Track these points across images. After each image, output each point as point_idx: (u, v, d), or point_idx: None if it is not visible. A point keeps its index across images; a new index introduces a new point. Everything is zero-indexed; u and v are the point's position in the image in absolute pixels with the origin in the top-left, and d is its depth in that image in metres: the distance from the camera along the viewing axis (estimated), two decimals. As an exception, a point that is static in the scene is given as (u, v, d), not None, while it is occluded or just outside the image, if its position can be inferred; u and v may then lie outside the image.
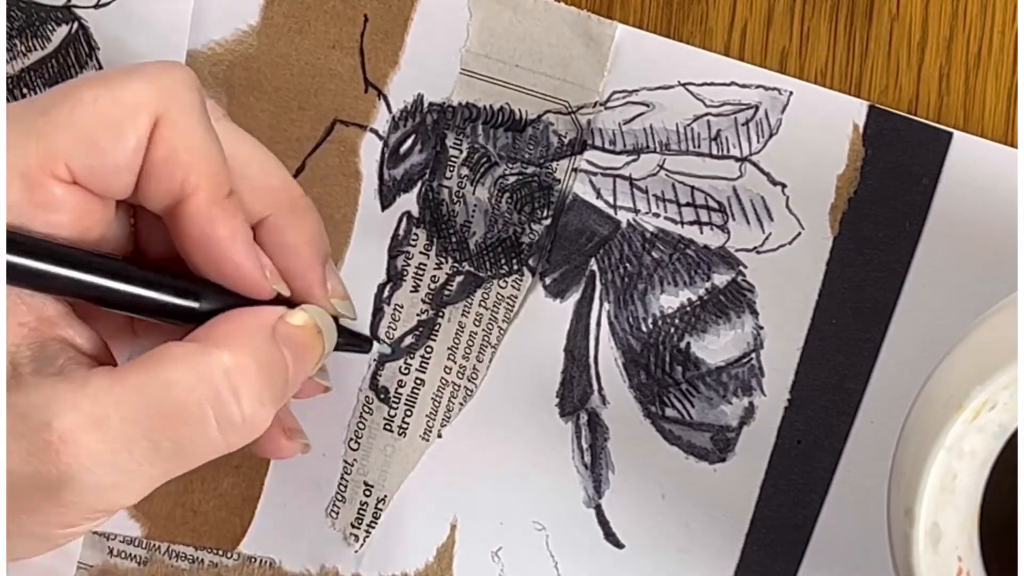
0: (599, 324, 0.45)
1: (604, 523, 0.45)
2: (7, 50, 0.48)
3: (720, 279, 0.44)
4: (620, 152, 0.44)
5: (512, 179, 0.45)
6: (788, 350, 0.43)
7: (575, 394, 0.45)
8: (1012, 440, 0.33)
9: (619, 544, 0.45)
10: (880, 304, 0.42)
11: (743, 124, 0.43)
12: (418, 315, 0.46)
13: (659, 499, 0.44)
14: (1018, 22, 0.41)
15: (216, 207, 0.39)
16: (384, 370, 0.46)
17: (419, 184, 0.46)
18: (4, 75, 0.48)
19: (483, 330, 0.46)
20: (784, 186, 0.43)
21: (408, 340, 0.46)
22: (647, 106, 0.44)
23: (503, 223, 0.45)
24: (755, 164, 0.43)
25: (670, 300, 0.44)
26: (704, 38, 0.43)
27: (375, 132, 0.46)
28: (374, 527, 0.47)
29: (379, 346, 0.45)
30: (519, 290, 0.45)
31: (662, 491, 0.44)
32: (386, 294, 0.46)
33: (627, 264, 0.44)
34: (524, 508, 0.45)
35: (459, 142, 0.45)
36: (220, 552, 0.47)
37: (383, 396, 0.46)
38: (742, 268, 0.43)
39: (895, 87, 0.42)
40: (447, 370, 0.46)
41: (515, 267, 0.45)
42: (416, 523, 0.46)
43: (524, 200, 0.45)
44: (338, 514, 0.47)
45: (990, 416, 0.33)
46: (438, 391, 0.46)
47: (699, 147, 0.43)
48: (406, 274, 0.46)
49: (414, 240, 0.46)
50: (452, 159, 0.45)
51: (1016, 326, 0.33)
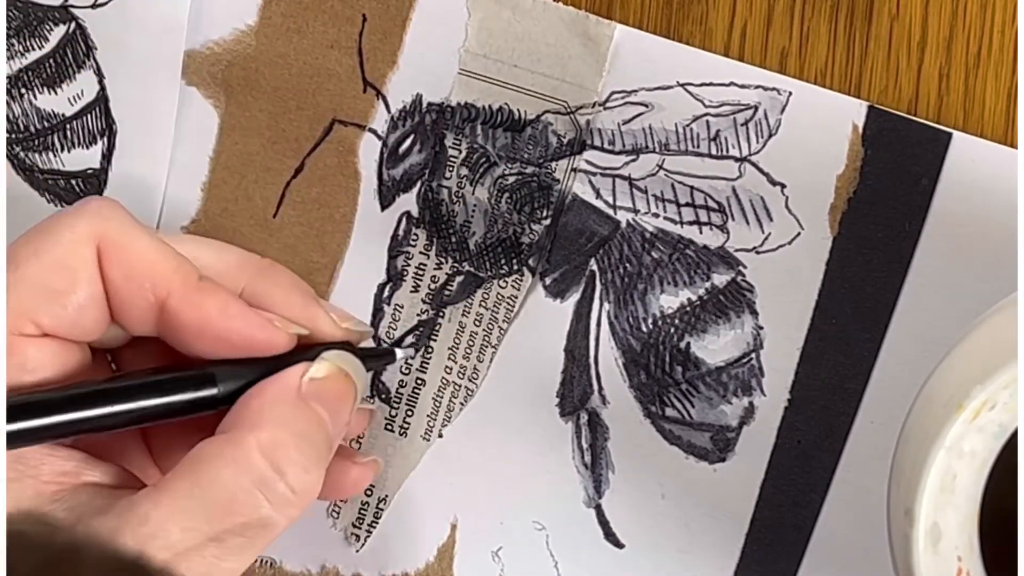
0: (599, 324, 0.45)
1: (604, 523, 0.45)
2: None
3: (720, 279, 0.44)
4: (619, 152, 0.44)
5: (511, 179, 0.45)
6: (788, 350, 0.43)
7: (575, 394, 0.45)
8: (1012, 440, 0.33)
9: (619, 544, 0.45)
10: (880, 304, 0.42)
11: (742, 124, 0.43)
12: (418, 315, 0.46)
13: (659, 499, 0.45)
14: (1018, 22, 0.41)
15: (194, 293, 0.39)
16: (385, 371, 0.46)
17: (418, 184, 0.46)
18: (4, 75, 0.48)
19: (483, 330, 0.46)
20: (783, 186, 0.43)
21: (408, 340, 0.46)
22: (646, 106, 0.44)
23: (503, 223, 0.45)
24: (754, 164, 0.43)
25: (670, 300, 0.44)
26: (704, 38, 0.43)
27: (374, 132, 0.46)
28: (375, 527, 0.47)
29: (402, 352, 0.45)
30: (519, 290, 0.45)
31: (662, 491, 0.45)
32: (386, 294, 0.46)
33: (627, 264, 0.44)
34: (524, 508, 0.45)
35: (458, 142, 0.45)
36: (220, 552, 0.47)
37: (384, 396, 0.46)
38: (742, 268, 0.43)
39: (895, 87, 0.42)
40: (448, 370, 0.46)
41: (515, 267, 0.45)
42: (417, 523, 0.46)
43: (524, 200, 0.45)
44: (339, 514, 0.47)
45: (990, 416, 0.33)
46: (439, 391, 0.46)
47: (698, 147, 0.43)
48: (406, 274, 0.46)
49: (414, 240, 0.46)
50: (451, 159, 0.45)
51: (1016, 326, 0.33)
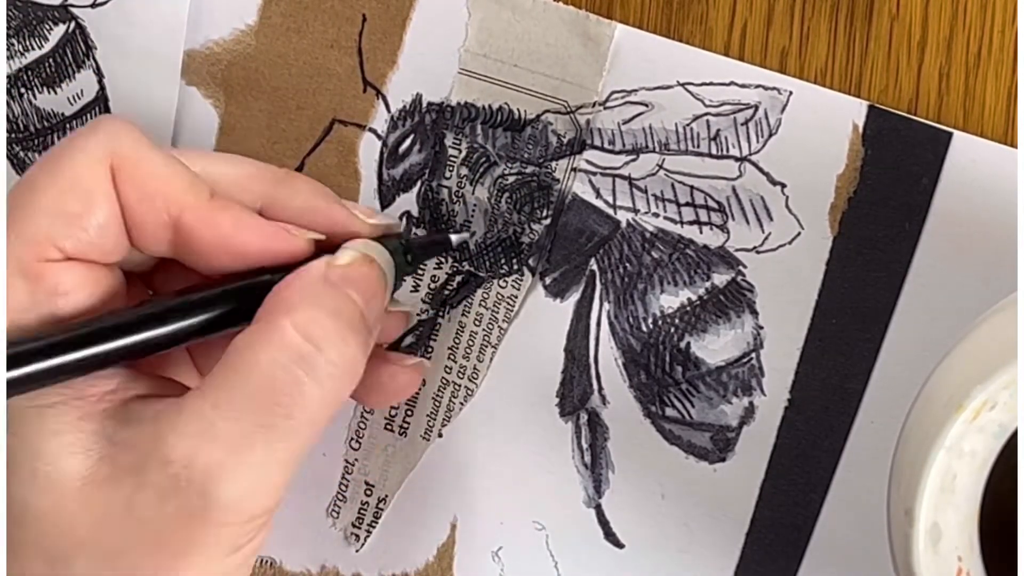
0: (599, 324, 0.45)
1: (604, 523, 0.45)
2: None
3: (720, 279, 0.44)
4: (619, 152, 0.44)
5: (511, 179, 0.45)
6: (788, 350, 0.43)
7: (575, 394, 0.45)
8: (1012, 440, 0.33)
9: (619, 544, 0.45)
10: (880, 304, 0.42)
11: (743, 124, 0.43)
12: (418, 315, 0.46)
13: (659, 499, 0.45)
14: (1018, 22, 0.41)
15: (207, 210, 0.38)
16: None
17: (418, 184, 0.46)
18: (4, 75, 0.48)
19: (483, 330, 0.46)
20: (784, 186, 0.43)
21: (408, 340, 0.46)
22: (646, 106, 0.44)
23: (503, 223, 0.45)
24: (755, 164, 0.43)
25: (670, 300, 0.44)
26: (704, 38, 0.43)
27: (374, 132, 0.46)
28: (375, 527, 0.47)
29: (457, 237, 0.44)
30: (519, 290, 0.45)
31: (662, 491, 0.45)
32: (386, 294, 0.46)
33: (627, 264, 0.44)
34: (524, 508, 0.45)
35: (458, 142, 0.45)
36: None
37: (383, 396, 0.46)
38: (742, 268, 0.43)
39: (895, 87, 0.42)
40: (447, 370, 0.46)
41: (515, 267, 0.45)
42: (416, 523, 0.46)
43: (524, 200, 0.45)
44: (339, 514, 0.47)
45: (990, 416, 0.33)
46: (438, 391, 0.46)
47: (698, 147, 0.43)
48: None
49: (413, 240, 0.46)
50: (451, 159, 0.45)
51: (1016, 326, 0.33)
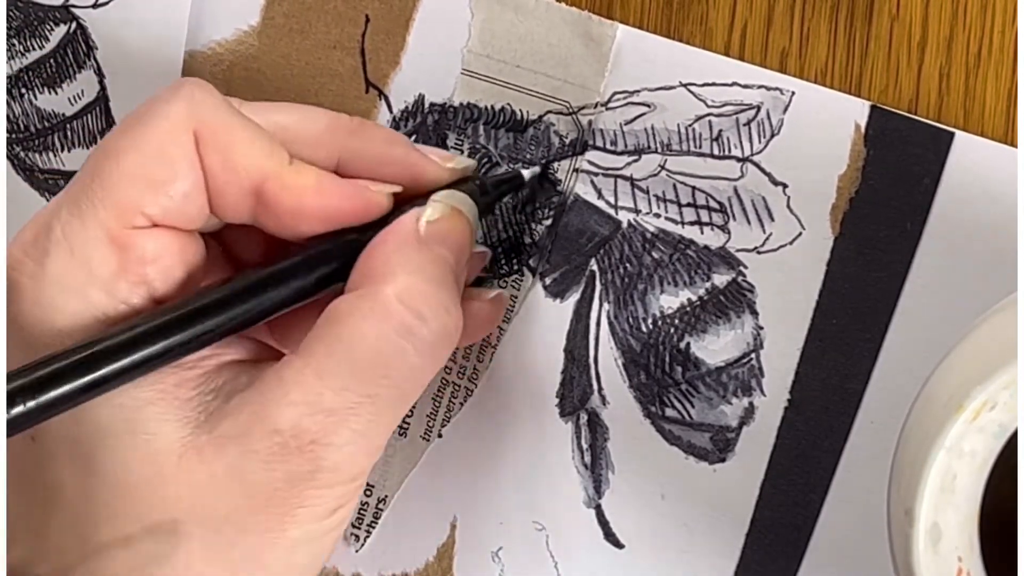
0: (599, 324, 0.45)
1: (604, 523, 0.45)
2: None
3: (720, 279, 0.44)
4: (621, 152, 0.44)
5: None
6: (788, 350, 0.43)
7: (575, 394, 0.45)
8: (1012, 440, 0.33)
9: (619, 544, 0.45)
10: (880, 304, 0.42)
11: (744, 124, 0.43)
12: (418, 315, 0.46)
13: (659, 499, 0.44)
14: (1018, 22, 0.41)
15: (288, 175, 0.38)
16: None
17: (419, 184, 0.46)
18: (4, 75, 0.48)
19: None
20: (785, 186, 0.43)
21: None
22: (648, 107, 0.44)
23: (503, 223, 0.45)
24: (756, 164, 0.43)
25: (670, 300, 0.44)
26: (704, 38, 0.43)
27: (375, 132, 0.46)
28: (374, 527, 0.47)
29: (528, 171, 0.44)
30: (519, 290, 0.45)
31: (662, 491, 0.45)
32: (386, 294, 0.46)
33: (627, 264, 0.44)
34: (524, 508, 0.45)
35: (460, 142, 0.45)
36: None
37: (383, 396, 0.46)
38: (742, 268, 0.43)
39: (895, 87, 0.42)
40: (447, 370, 0.46)
41: (515, 267, 0.45)
42: (416, 523, 0.46)
43: (525, 200, 0.45)
44: (338, 514, 0.47)
45: (990, 416, 0.33)
46: (438, 391, 0.46)
47: (700, 147, 0.43)
48: (406, 274, 0.46)
49: (414, 240, 0.46)
50: (452, 159, 0.46)
51: (1016, 326, 0.33)
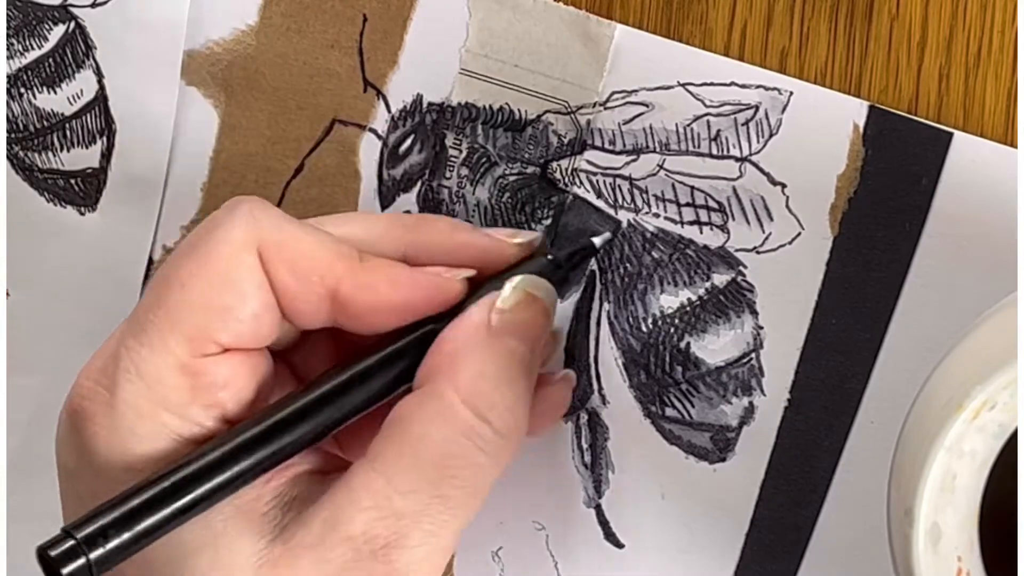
0: (599, 324, 0.45)
1: (604, 523, 0.45)
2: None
3: (720, 279, 0.44)
4: (620, 152, 0.44)
5: (512, 179, 0.45)
6: (788, 350, 0.43)
7: (575, 394, 0.45)
8: (1012, 440, 0.33)
9: (619, 544, 0.45)
10: (880, 304, 0.42)
11: (743, 124, 0.43)
12: (418, 315, 0.46)
13: (659, 499, 0.45)
14: (1018, 22, 0.41)
15: (361, 273, 0.38)
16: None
17: (419, 184, 0.46)
18: (4, 75, 0.48)
19: (483, 330, 0.45)
20: (784, 186, 0.43)
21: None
22: (647, 106, 0.44)
23: (503, 223, 0.45)
24: (755, 164, 0.43)
25: (670, 300, 0.44)
26: (704, 38, 0.43)
27: (374, 132, 0.46)
28: (374, 527, 0.47)
29: (600, 239, 0.44)
30: (519, 290, 0.45)
31: (662, 491, 0.45)
32: (386, 294, 0.46)
33: (627, 264, 0.44)
34: (524, 508, 0.45)
35: (458, 142, 0.45)
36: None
37: (383, 396, 0.46)
38: (742, 268, 0.43)
39: (895, 87, 0.42)
40: (447, 370, 0.46)
41: (515, 267, 0.45)
42: (416, 523, 0.46)
43: (524, 200, 0.45)
44: (338, 514, 0.47)
45: (990, 416, 0.33)
46: (438, 391, 0.46)
47: (699, 147, 0.43)
48: (406, 274, 0.46)
49: (414, 240, 0.46)
50: (452, 159, 0.45)
51: (1016, 326, 0.33)
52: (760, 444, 0.43)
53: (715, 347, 0.44)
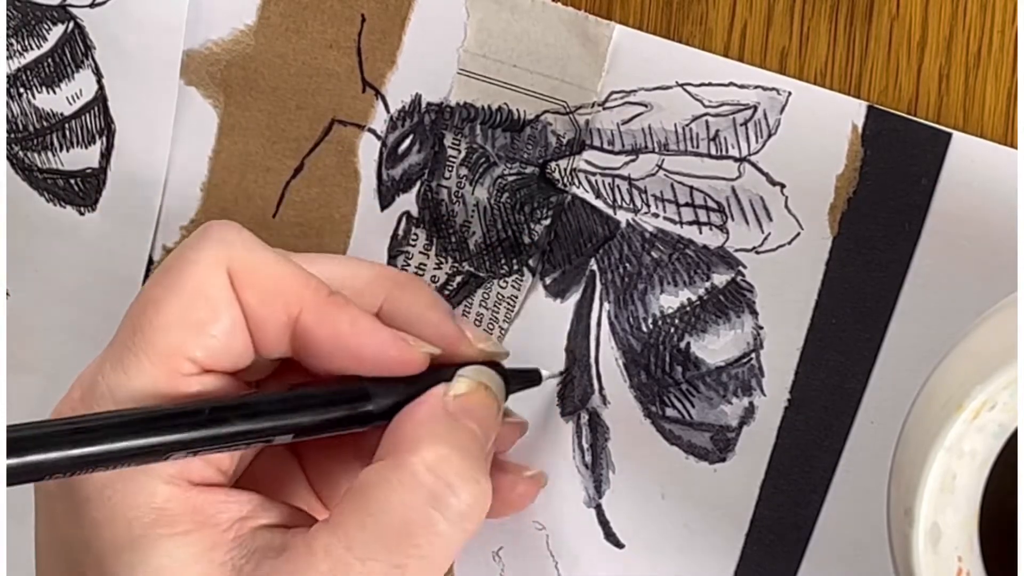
0: (599, 324, 0.45)
1: (604, 523, 0.45)
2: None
3: (719, 279, 0.44)
4: (619, 152, 0.44)
5: (511, 179, 0.45)
6: (788, 350, 0.43)
7: (576, 394, 0.45)
8: (1012, 440, 0.33)
9: (619, 544, 0.45)
10: (880, 304, 0.42)
11: (742, 124, 0.43)
12: (418, 315, 0.46)
13: (659, 499, 0.45)
14: (1018, 22, 0.41)
15: (326, 306, 0.38)
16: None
17: (418, 184, 0.46)
18: (4, 75, 0.48)
19: (484, 330, 0.46)
20: (783, 186, 0.43)
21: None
22: (645, 106, 0.44)
23: (502, 223, 0.45)
24: (754, 164, 0.43)
25: (670, 300, 0.44)
26: (704, 38, 0.43)
27: (373, 132, 0.46)
28: (374, 527, 0.47)
29: (547, 373, 0.44)
30: (519, 290, 0.45)
31: (662, 491, 0.45)
32: (385, 294, 0.46)
33: (627, 264, 0.44)
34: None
35: (457, 142, 0.45)
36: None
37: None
38: (741, 268, 0.43)
39: (895, 87, 0.42)
40: (447, 370, 0.46)
41: (515, 267, 0.45)
42: (416, 523, 0.46)
43: (523, 200, 0.45)
44: (338, 514, 0.47)
45: (990, 416, 0.33)
46: (438, 391, 0.46)
47: (698, 147, 0.43)
48: (405, 274, 0.46)
49: (414, 240, 0.46)
50: (451, 159, 0.45)
51: (1016, 326, 0.33)
52: (760, 444, 0.43)
53: (715, 347, 0.44)
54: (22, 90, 0.48)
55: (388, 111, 0.46)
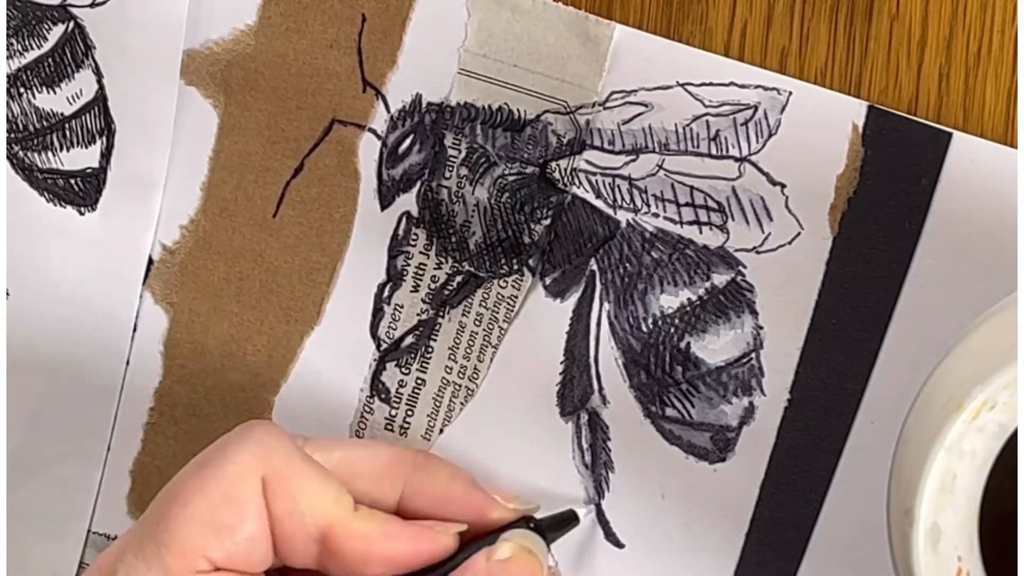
0: (599, 324, 0.45)
1: (604, 523, 0.45)
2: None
3: (720, 279, 0.44)
4: (619, 152, 0.44)
5: (511, 179, 0.45)
6: (788, 350, 0.43)
7: (575, 394, 0.45)
8: (1012, 440, 0.33)
9: (619, 544, 0.45)
10: (880, 304, 0.42)
11: (742, 124, 0.43)
12: (418, 315, 0.46)
13: (659, 499, 0.45)
14: (1018, 22, 0.41)
15: (354, 522, 0.38)
16: (385, 370, 0.46)
17: (418, 184, 0.46)
18: (4, 75, 0.48)
19: (483, 330, 0.46)
20: (783, 186, 0.43)
21: (408, 340, 0.46)
22: (646, 106, 0.44)
23: (503, 223, 0.45)
24: (754, 164, 0.43)
25: (670, 300, 0.44)
26: (704, 38, 0.43)
27: (373, 132, 0.46)
28: (374, 527, 0.47)
29: (583, 512, 0.44)
30: (519, 290, 0.45)
31: (662, 491, 0.45)
32: (386, 294, 0.46)
33: (627, 264, 0.44)
34: (524, 508, 0.45)
35: (458, 142, 0.45)
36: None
37: (384, 396, 0.46)
38: (741, 268, 0.43)
39: (895, 87, 0.42)
40: (448, 370, 0.46)
41: (515, 267, 0.45)
42: (416, 523, 0.46)
43: (523, 200, 0.45)
44: (338, 514, 0.47)
45: (990, 416, 0.33)
46: (439, 391, 0.46)
47: (698, 147, 0.43)
48: (406, 274, 0.46)
49: (414, 240, 0.46)
50: (451, 159, 0.45)
51: (1016, 326, 0.33)
52: (760, 444, 0.43)
53: (715, 347, 0.44)
54: (22, 90, 0.48)
55: (388, 111, 0.46)
